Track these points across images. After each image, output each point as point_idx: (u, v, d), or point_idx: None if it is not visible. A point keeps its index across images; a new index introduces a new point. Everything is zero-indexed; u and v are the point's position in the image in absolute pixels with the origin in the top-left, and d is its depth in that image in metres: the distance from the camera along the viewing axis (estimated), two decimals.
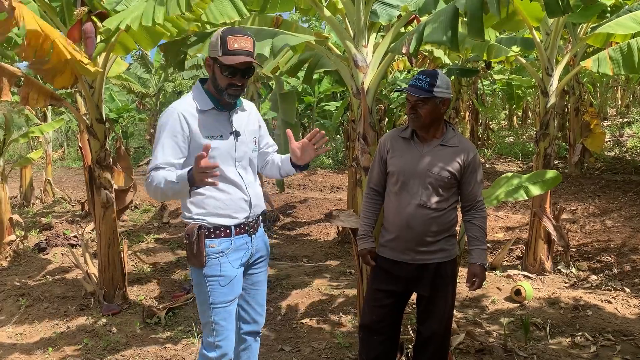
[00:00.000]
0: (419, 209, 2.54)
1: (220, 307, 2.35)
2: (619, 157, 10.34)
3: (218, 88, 2.30)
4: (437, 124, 2.59)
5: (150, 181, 2.24)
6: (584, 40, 4.94)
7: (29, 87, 4.09)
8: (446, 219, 2.58)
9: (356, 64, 3.02)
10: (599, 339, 3.55)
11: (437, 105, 2.52)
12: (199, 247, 2.29)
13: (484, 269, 2.63)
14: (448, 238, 2.62)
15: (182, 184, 2.14)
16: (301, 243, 6.45)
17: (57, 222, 7.70)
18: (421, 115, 2.52)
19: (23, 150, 16.26)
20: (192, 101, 2.32)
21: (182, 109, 2.28)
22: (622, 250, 5.38)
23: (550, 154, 4.84)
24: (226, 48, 2.21)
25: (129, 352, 3.65)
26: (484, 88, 14.73)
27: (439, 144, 2.58)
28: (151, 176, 2.24)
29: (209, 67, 2.32)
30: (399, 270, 2.63)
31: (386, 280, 2.68)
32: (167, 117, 2.28)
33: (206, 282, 2.33)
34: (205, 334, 2.41)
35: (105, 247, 4.45)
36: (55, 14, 4.15)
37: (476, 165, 2.60)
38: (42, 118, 9.57)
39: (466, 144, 2.62)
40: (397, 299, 2.70)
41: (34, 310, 4.49)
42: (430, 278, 2.60)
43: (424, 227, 2.54)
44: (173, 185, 2.17)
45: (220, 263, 2.33)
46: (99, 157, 4.39)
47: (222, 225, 2.33)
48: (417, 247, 2.57)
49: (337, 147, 13.44)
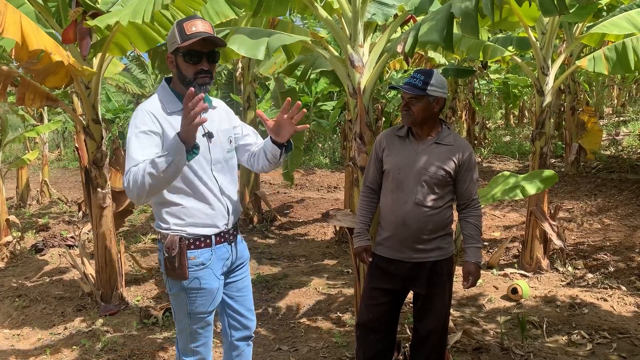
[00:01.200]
0: (415, 207, 2.56)
1: (199, 317, 2.28)
2: (615, 155, 10.37)
3: (186, 81, 2.15)
4: (431, 122, 2.61)
5: (130, 177, 2.00)
6: (579, 40, 4.96)
7: (25, 87, 4.07)
8: (442, 217, 2.60)
9: (352, 63, 3.03)
10: (595, 337, 3.57)
11: (431, 103, 2.55)
12: (180, 261, 2.16)
13: (479, 267, 2.64)
14: (444, 236, 2.63)
15: (175, 148, 1.91)
16: (298, 243, 6.45)
17: (54, 223, 7.68)
18: (414, 112, 2.55)
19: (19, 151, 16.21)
20: (158, 102, 2.19)
21: (150, 108, 2.16)
22: (618, 249, 5.40)
23: (546, 153, 4.86)
24: (184, 34, 2.10)
25: (126, 352, 3.64)
26: (480, 87, 14.75)
27: (434, 142, 2.60)
28: (130, 172, 2.01)
29: (171, 63, 2.19)
30: (396, 269, 2.64)
31: (383, 278, 2.68)
32: (137, 118, 2.13)
33: (186, 294, 2.23)
34: (182, 340, 2.33)
35: (102, 247, 4.45)
36: (50, 15, 4.14)
37: (471, 164, 2.61)
38: (38, 119, 9.55)
39: (461, 143, 2.63)
40: (393, 298, 2.71)
41: (31, 311, 4.48)
42: (426, 276, 2.61)
43: (420, 225, 2.56)
44: (162, 161, 1.92)
45: (201, 276, 2.22)
46: (96, 157, 4.38)
47: (202, 235, 2.21)
48: (414, 245, 2.58)
49: (334, 147, 13.44)
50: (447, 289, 2.70)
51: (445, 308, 2.71)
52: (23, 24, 2.99)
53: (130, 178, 2.01)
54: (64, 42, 3.81)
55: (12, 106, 8.86)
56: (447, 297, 2.71)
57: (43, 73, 3.60)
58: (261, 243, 6.37)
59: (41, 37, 3.14)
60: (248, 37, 2.87)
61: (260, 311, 4.30)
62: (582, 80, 11.83)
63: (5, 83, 3.98)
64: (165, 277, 2.26)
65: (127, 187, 2.03)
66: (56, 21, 4.19)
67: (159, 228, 2.24)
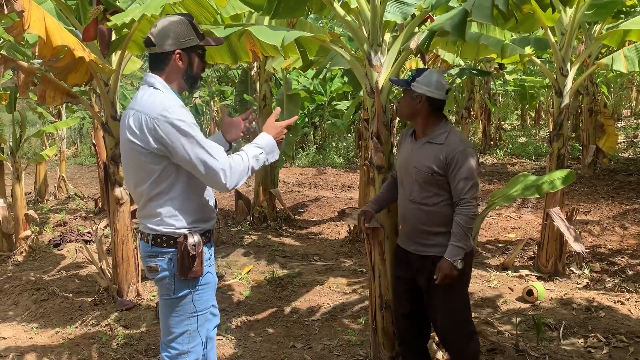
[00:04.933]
0: (410, 203, 2.71)
1: (202, 314, 2.28)
2: (633, 158, 10.24)
3: (194, 77, 2.23)
4: (423, 120, 2.69)
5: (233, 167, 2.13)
6: (599, 40, 4.91)
7: (46, 84, 4.14)
8: (438, 214, 2.65)
9: (370, 62, 3.03)
10: (612, 341, 3.53)
11: (413, 99, 2.67)
12: (200, 257, 2.18)
13: (452, 266, 2.56)
14: (446, 234, 2.63)
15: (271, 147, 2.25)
16: (312, 241, 6.46)
17: (71, 218, 7.79)
18: (400, 105, 2.74)
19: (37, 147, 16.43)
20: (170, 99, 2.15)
21: (180, 103, 2.17)
22: (636, 252, 5.34)
23: (563, 154, 4.81)
24: (200, 33, 2.20)
25: (142, 346, 3.69)
26: (496, 88, 14.65)
27: (427, 141, 2.68)
28: (231, 163, 2.13)
29: (180, 60, 2.17)
30: (408, 259, 2.78)
31: (399, 267, 2.87)
32: (183, 115, 2.09)
33: (195, 292, 2.22)
34: (177, 345, 2.25)
35: (120, 243, 4.50)
36: (71, 12, 4.20)
37: (459, 163, 2.56)
38: (56, 115, 9.68)
39: (452, 141, 2.61)
40: (410, 287, 2.80)
41: (49, 304, 4.55)
42: (428, 271, 2.67)
43: (415, 220, 2.69)
44: (262, 158, 2.22)
45: (210, 270, 2.28)
46: (114, 154, 4.43)
47: (207, 230, 2.28)
48: (415, 239, 2.73)
49: (348, 146, 13.43)
50: (452, 287, 2.65)
51: (450, 306, 2.69)
52: (47, 21, 3.05)
53: (232, 168, 2.12)
54: (85, 40, 3.86)
55: (31, 104, 9.00)
56: (451, 295, 2.67)
57: (64, 70, 3.66)
58: (275, 241, 6.40)
59: (64, 34, 3.20)
60: (268, 29, 2.88)
61: (275, 309, 4.32)
62: (600, 81, 11.69)
63: (27, 80, 4.05)
64: (171, 281, 2.20)
65: (224, 177, 2.11)
66: (76, 18, 4.25)
67: (170, 228, 2.16)
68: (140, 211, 2.24)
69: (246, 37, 3.85)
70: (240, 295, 4.64)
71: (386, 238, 3.05)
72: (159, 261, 2.20)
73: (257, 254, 5.88)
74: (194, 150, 2.07)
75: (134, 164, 2.17)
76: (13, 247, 6.04)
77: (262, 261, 5.59)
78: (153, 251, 2.20)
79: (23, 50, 6.23)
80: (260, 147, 2.24)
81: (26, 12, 2.87)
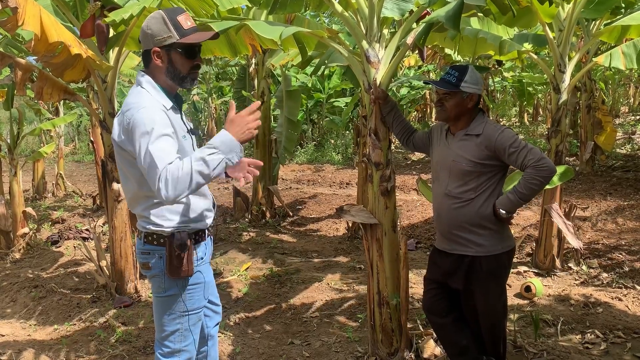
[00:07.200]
0: (445, 198, 2.66)
1: (193, 314, 2.25)
2: (631, 154, 10.25)
3: (180, 77, 2.11)
4: (466, 117, 2.65)
5: (167, 176, 1.87)
6: (597, 37, 4.90)
7: (43, 81, 4.12)
8: (473, 209, 2.58)
9: (368, 59, 3.02)
10: (610, 336, 3.54)
11: (464, 99, 2.60)
12: (189, 257, 2.14)
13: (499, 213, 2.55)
14: (481, 232, 2.59)
15: (229, 146, 1.90)
16: (310, 238, 6.47)
17: (69, 216, 7.78)
18: (447, 108, 2.62)
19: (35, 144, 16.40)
20: (155, 99, 2.07)
21: (159, 106, 2.05)
22: (634, 248, 5.35)
23: (561, 150, 4.81)
24: (182, 29, 2.05)
25: (140, 343, 3.69)
26: (494, 84, 14.65)
27: (464, 135, 2.65)
28: (166, 171, 1.87)
29: (159, 58, 2.08)
30: (441, 261, 2.76)
31: (431, 268, 2.87)
32: (155, 117, 1.98)
33: (185, 291, 2.20)
34: (169, 343, 2.24)
35: (118, 240, 4.50)
36: (68, 9, 4.19)
37: (506, 144, 2.51)
38: (54, 112, 9.66)
39: (488, 129, 2.59)
40: (441, 289, 2.81)
41: (47, 301, 4.55)
42: (464, 271, 2.65)
43: (450, 216, 2.64)
44: (214, 159, 1.88)
45: (202, 270, 2.25)
46: (112, 151, 4.42)
47: (200, 230, 2.24)
48: (450, 236, 2.68)
49: (347, 143, 13.43)
50: (492, 289, 2.65)
51: (489, 309, 2.69)
52: (42, 17, 3.03)
53: (167, 177, 1.87)
54: (82, 37, 3.85)
55: (29, 101, 8.97)
56: (491, 297, 2.67)
57: (61, 66, 3.64)
58: (273, 238, 6.40)
59: (60, 30, 3.18)
60: (266, 24, 2.88)
61: (273, 306, 4.32)
62: (598, 78, 11.70)
63: (24, 77, 4.03)
64: (161, 279, 2.18)
65: (162, 188, 1.88)
66: (73, 15, 4.23)
67: (159, 227, 2.13)
68: (132, 209, 2.23)
69: (245, 32, 3.84)
70: (238, 292, 4.64)
71: (384, 235, 3.05)
72: (150, 258, 2.18)
73: (255, 250, 5.88)
74: (144, 156, 1.94)
75: (120, 163, 2.16)
76: (11, 244, 6.03)
77: (260, 258, 5.60)
78: (145, 248, 2.19)
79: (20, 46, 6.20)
80: (213, 146, 1.91)
81: (20, 8, 2.85)
